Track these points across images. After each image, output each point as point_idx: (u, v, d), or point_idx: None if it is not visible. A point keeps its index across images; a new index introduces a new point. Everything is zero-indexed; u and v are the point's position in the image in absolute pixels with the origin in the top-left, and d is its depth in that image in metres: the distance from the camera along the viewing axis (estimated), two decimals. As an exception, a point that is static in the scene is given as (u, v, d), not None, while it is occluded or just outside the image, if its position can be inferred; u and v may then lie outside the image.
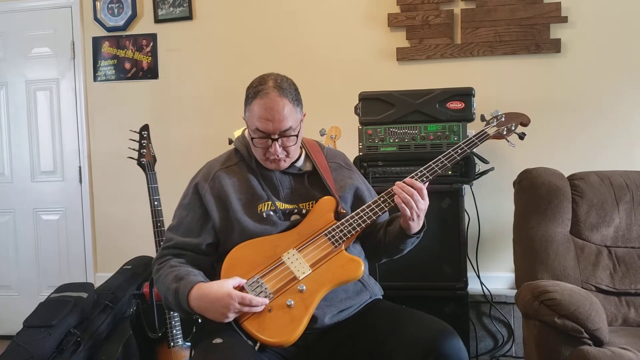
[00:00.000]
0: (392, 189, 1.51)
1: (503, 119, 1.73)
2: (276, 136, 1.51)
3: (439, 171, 1.56)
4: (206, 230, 1.55)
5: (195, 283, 1.42)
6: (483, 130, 1.69)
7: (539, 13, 2.75)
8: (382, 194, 1.54)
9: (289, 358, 1.47)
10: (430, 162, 1.57)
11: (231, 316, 1.37)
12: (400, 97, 2.44)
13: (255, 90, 1.51)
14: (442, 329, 1.37)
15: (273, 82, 1.51)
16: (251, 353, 1.35)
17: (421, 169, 1.56)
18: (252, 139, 1.55)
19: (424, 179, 1.53)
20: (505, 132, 1.71)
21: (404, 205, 1.46)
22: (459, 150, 1.60)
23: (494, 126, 1.72)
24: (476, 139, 1.65)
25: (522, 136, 1.77)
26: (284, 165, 1.59)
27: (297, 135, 1.54)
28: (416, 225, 1.51)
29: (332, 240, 1.48)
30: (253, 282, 1.43)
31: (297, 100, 1.54)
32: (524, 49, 2.77)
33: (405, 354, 1.34)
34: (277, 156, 1.53)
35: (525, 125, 1.77)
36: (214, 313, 1.38)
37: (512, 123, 1.72)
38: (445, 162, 1.57)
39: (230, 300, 1.35)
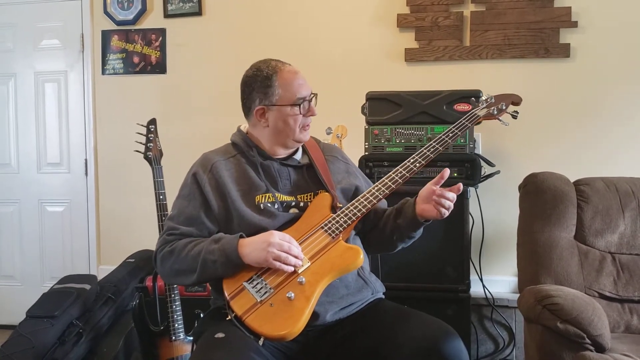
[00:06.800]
0: (434, 199, 1.48)
1: (493, 101, 1.71)
2: (312, 94, 1.60)
3: (432, 156, 1.57)
4: (208, 219, 1.56)
5: (239, 235, 1.47)
6: (472, 112, 1.68)
7: (548, 17, 2.74)
8: (377, 183, 1.56)
9: (290, 355, 1.48)
10: (422, 149, 1.58)
11: (272, 251, 1.39)
12: (408, 97, 2.43)
13: (268, 69, 1.58)
14: (444, 330, 1.38)
15: (273, 60, 1.61)
16: (253, 347, 1.35)
17: (414, 155, 1.57)
18: (294, 111, 1.57)
19: (417, 165, 1.55)
20: (496, 112, 1.68)
21: (445, 210, 1.48)
22: (450, 134, 1.60)
23: (484, 107, 1.70)
24: (466, 120, 1.64)
25: (514, 115, 1.72)
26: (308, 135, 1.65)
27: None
28: None
29: (329, 232, 1.49)
30: (253, 280, 1.43)
31: None
32: (533, 53, 2.76)
33: (406, 355, 1.34)
34: (314, 114, 1.61)
35: (516, 104, 1.72)
36: (260, 247, 1.41)
37: (503, 103, 1.70)
38: (438, 147, 1.58)
39: (271, 237, 1.41)
